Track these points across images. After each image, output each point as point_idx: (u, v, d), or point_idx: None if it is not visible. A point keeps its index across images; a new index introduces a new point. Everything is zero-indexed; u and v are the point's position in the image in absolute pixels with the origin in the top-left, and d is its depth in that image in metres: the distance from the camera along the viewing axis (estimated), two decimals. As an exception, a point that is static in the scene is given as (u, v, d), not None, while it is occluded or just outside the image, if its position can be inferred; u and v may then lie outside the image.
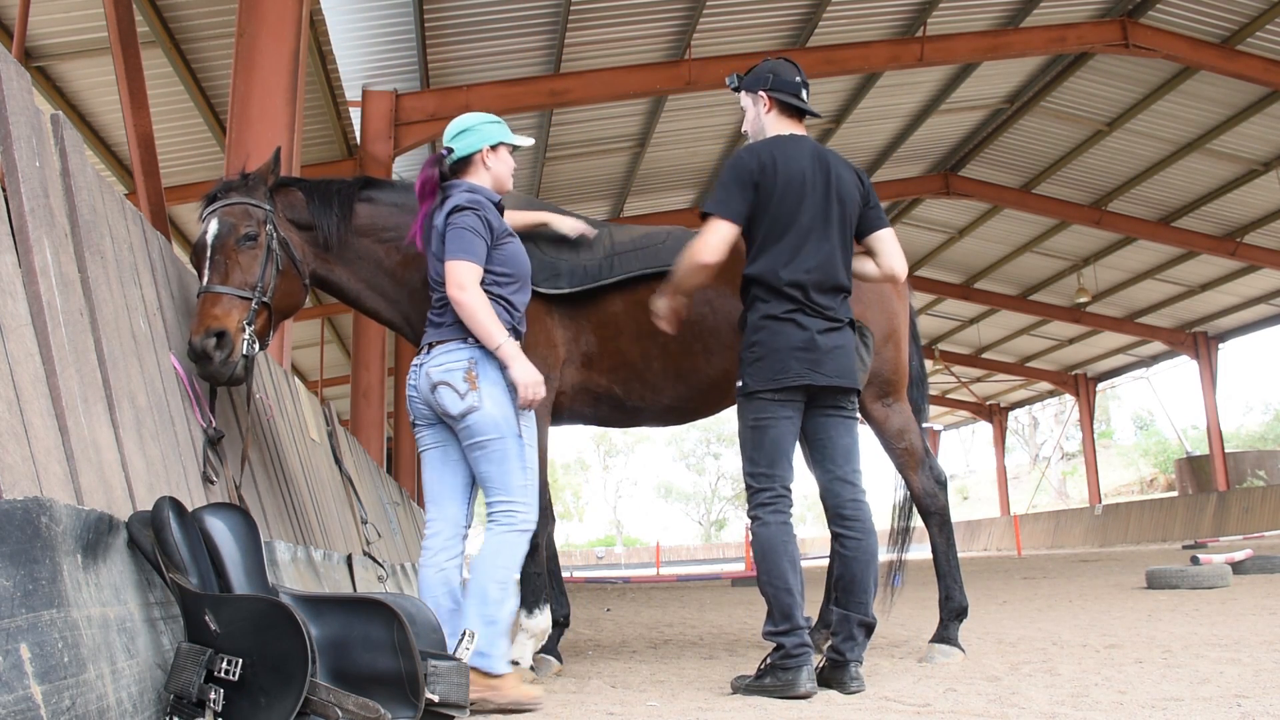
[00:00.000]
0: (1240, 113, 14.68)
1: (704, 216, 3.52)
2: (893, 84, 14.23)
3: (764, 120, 3.70)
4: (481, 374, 3.17)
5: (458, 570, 3.27)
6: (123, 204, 3.03)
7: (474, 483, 3.33)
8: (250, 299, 3.36)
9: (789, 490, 3.44)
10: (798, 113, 3.70)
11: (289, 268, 3.59)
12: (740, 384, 3.48)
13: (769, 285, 3.44)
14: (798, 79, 3.69)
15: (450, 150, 3.45)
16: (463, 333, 3.20)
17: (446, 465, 3.30)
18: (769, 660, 3.29)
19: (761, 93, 3.68)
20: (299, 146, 6.58)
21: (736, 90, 3.79)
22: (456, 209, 3.28)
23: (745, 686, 3.29)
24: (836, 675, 3.30)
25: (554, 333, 4.05)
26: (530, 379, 3.18)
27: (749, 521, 3.48)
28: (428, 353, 3.26)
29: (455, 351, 3.19)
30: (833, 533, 3.50)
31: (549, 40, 11.60)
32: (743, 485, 3.59)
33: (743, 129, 3.83)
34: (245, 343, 3.28)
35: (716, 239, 3.46)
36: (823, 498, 3.56)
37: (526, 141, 3.59)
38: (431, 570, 3.24)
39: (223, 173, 6.80)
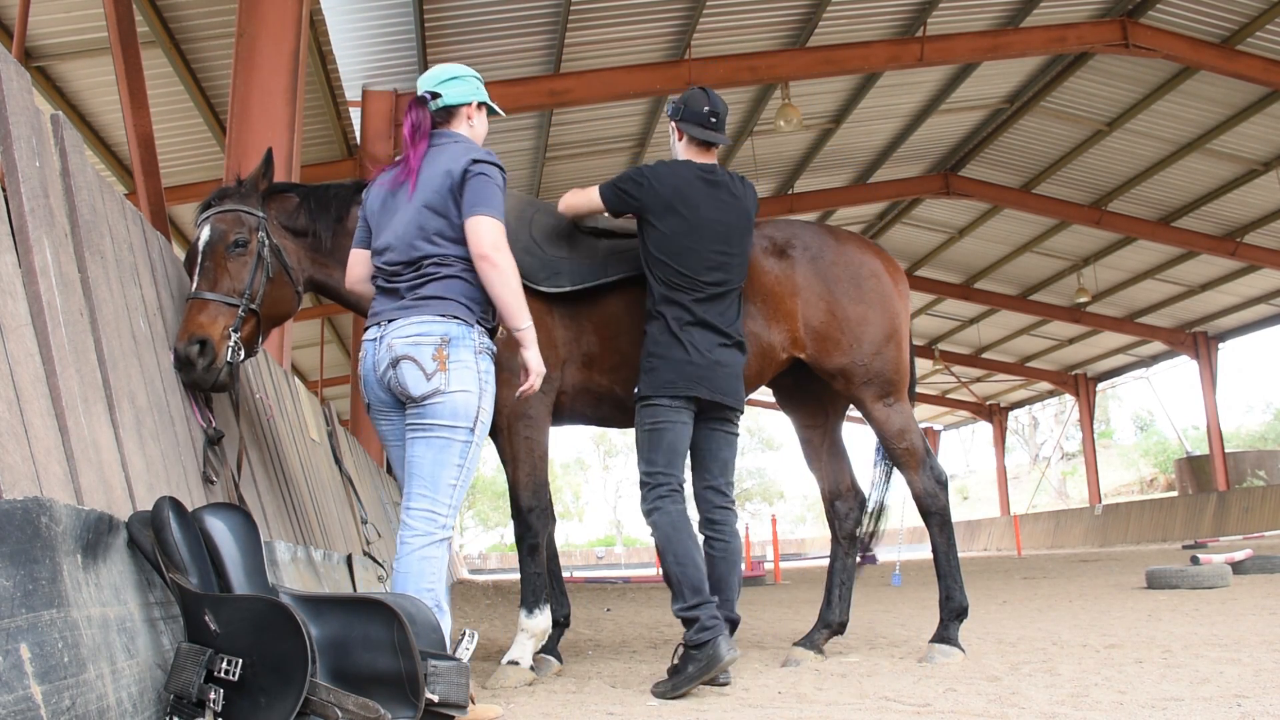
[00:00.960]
0: (1240, 113, 14.68)
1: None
2: (893, 84, 14.23)
3: (676, 148, 3.95)
4: (453, 355, 2.86)
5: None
6: (123, 204, 3.03)
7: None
8: (237, 306, 3.33)
9: (683, 487, 3.67)
10: (707, 142, 3.90)
11: (280, 275, 3.57)
12: (636, 390, 3.72)
13: (681, 313, 3.70)
14: (706, 108, 3.87)
15: (437, 95, 3.19)
16: (441, 309, 2.91)
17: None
18: (683, 645, 3.38)
19: (672, 123, 3.93)
20: (299, 146, 6.58)
21: (670, 118, 4.00)
22: (482, 160, 3.02)
23: (673, 686, 3.28)
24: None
25: (554, 333, 4.04)
26: (541, 368, 3.08)
27: (647, 517, 3.64)
28: (388, 322, 2.95)
29: (428, 324, 2.87)
30: (703, 535, 3.74)
31: (549, 40, 11.60)
32: (742, 486, 3.65)
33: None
34: (230, 350, 3.24)
35: (583, 205, 3.92)
36: (696, 502, 3.81)
37: (501, 112, 3.47)
38: (416, 559, 2.98)
39: (223, 173, 6.80)
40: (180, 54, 10.66)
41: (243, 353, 3.32)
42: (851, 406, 4.66)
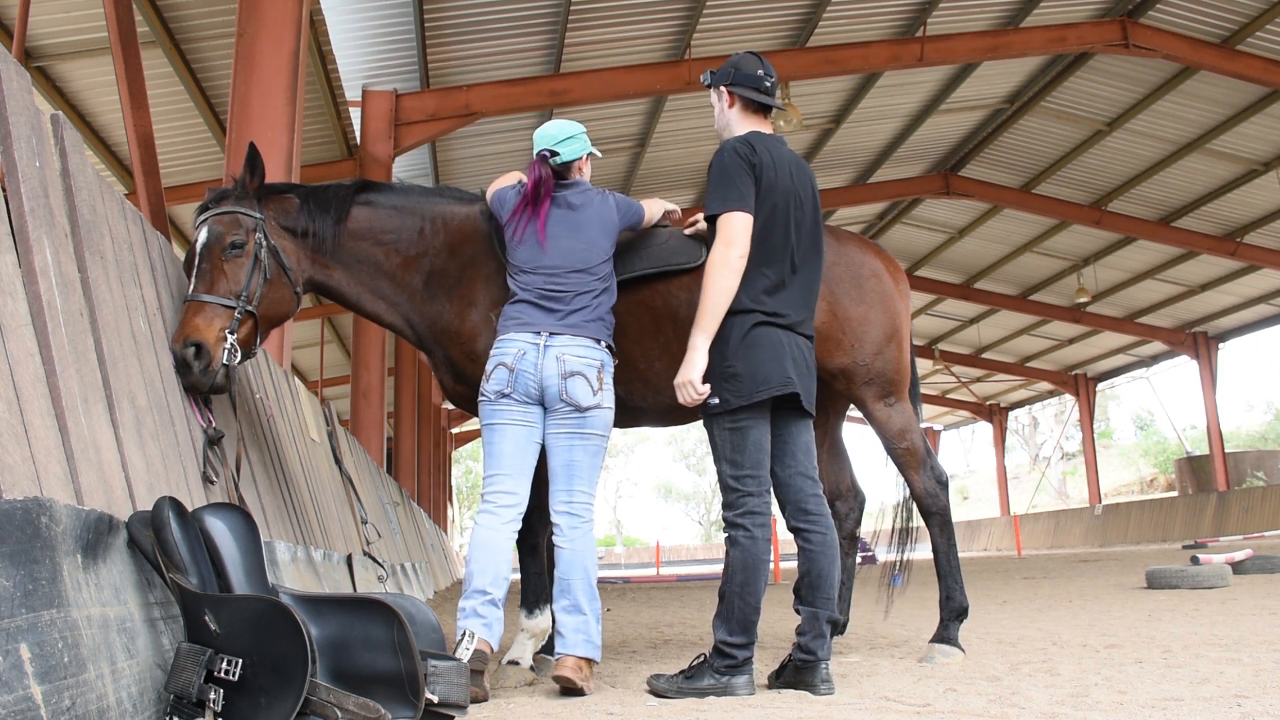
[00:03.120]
0: (1240, 113, 14.69)
1: (711, 220, 3.40)
2: (893, 84, 14.24)
3: (728, 116, 3.60)
4: (605, 379, 3.47)
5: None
6: (123, 204, 3.03)
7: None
8: (234, 308, 3.33)
9: (769, 496, 3.37)
10: (763, 108, 3.59)
11: (278, 275, 3.56)
12: (717, 402, 3.30)
13: (754, 310, 3.35)
14: (760, 71, 3.55)
15: (555, 153, 3.65)
16: (599, 333, 3.49)
17: (530, 445, 3.47)
18: (706, 662, 3.23)
19: (723, 88, 3.59)
20: (299, 146, 6.58)
21: (709, 87, 3.68)
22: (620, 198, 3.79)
23: (679, 689, 3.18)
24: (807, 676, 3.23)
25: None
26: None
27: (731, 529, 3.31)
28: (550, 336, 3.43)
29: (592, 349, 3.45)
30: (795, 529, 3.40)
31: (549, 40, 11.60)
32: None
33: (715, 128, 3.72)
34: (226, 352, 3.24)
35: (740, 233, 3.31)
36: (783, 493, 3.45)
37: (599, 154, 3.93)
38: (492, 533, 3.37)
39: (223, 172, 6.80)
40: (180, 54, 10.66)
41: (239, 355, 3.31)
42: (852, 406, 4.65)
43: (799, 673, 3.27)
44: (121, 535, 2.25)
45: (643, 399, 4.19)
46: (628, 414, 4.27)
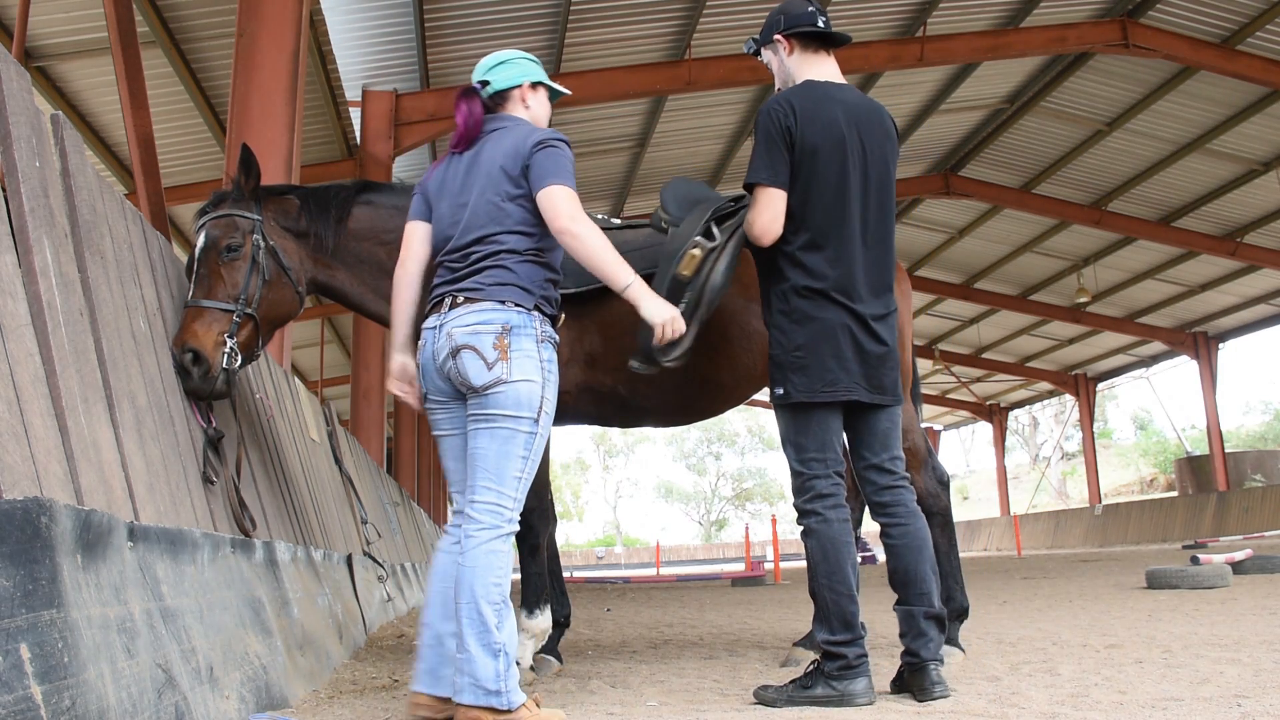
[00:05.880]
0: (1240, 113, 14.68)
1: (749, 189, 3.18)
2: (893, 84, 14.24)
3: (788, 67, 3.30)
4: (514, 344, 2.73)
5: None
6: (123, 204, 3.03)
7: None
8: (233, 311, 3.32)
9: (843, 478, 3.12)
10: (823, 45, 3.29)
11: (278, 277, 3.54)
12: (780, 393, 3.10)
13: (813, 287, 3.08)
14: (810, 9, 3.28)
15: (486, 83, 3.06)
16: (500, 295, 2.77)
17: (465, 451, 2.87)
18: (818, 668, 3.00)
19: (777, 37, 3.30)
20: (299, 146, 6.58)
21: (755, 54, 3.43)
22: (550, 138, 2.90)
23: (789, 698, 2.94)
24: (916, 680, 3.03)
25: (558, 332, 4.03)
26: (666, 315, 2.86)
27: (802, 517, 3.08)
28: (449, 309, 2.80)
29: (488, 312, 2.74)
30: (879, 524, 3.22)
31: (549, 40, 11.60)
32: (742, 486, 3.55)
33: (776, 87, 3.43)
34: (225, 356, 3.22)
35: (770, 214, 3.05)
36: (860, 486, 3.25)
37: (565, 90, 3.24)
38: (448, 557, 2.81)
39: (223, 172, 6.80)
40: (180, 54, 10.66)
41: (239, 359, 3.30)
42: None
43: (910, 677, 3.06)
44: (122, 535, 2.24)
45: (645, 399, 4.19)
46: (630, 413, 4.27)
